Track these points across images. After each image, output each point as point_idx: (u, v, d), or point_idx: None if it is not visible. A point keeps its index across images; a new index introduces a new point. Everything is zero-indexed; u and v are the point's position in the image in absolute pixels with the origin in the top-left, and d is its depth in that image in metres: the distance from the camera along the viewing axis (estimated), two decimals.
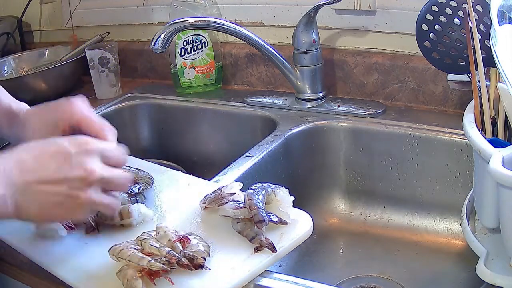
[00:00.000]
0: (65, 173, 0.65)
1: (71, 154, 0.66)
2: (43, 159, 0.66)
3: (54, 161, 0.66)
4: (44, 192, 0.64)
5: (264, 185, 0.76)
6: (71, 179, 0.65)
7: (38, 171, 0.65)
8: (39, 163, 0.65)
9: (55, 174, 0.65)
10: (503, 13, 0.71)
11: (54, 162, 0.65)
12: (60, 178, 0.65)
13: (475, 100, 0.73)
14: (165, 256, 0.65)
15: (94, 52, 1.32)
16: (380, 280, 0.93)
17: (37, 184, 0.64)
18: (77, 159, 0.66)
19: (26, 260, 0.75)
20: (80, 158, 0.66)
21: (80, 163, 0.66)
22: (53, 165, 0.65)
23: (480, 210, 0.71)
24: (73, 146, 0.67)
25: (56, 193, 0.65)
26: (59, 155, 0.66)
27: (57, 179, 0.65)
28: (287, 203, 0.75)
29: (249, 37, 1.12)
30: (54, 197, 0.65)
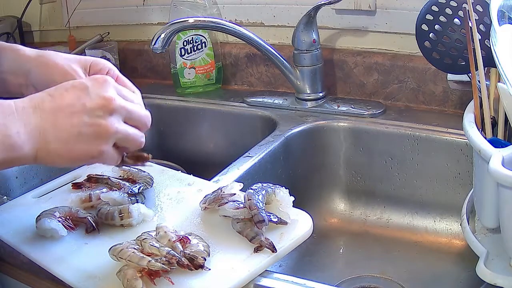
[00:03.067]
0: (82, 103, 0.62)
1: (87, 86, 0.64)
2: (59, 94, 0.63)
3: (70, 94, 0.63)
4: (62, 124, 0.61)
5: (264, 185, 0.76)
6: (89, 108, 0.62)
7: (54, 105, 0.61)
8: (55, 98, 0.62)
9: (74, 106, 0.62)
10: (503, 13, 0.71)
11: (70, 95, 0.63)
12: (78, 108, 0.62)
13: (475, 100, 0.73)
14: (165, 256, 0.65)
15: (94, 52, 1.32)
16: (380, 280, 0.93)
17: (54, 119, 0.61)
18: (94, 90, 0.63)
19: (26, 260, 0.75)
20: (97, 89, 0.64)
21: (98, 93, 0.63)
22: (70, 97, 0.62)
23: (480, 210, 0.71)
24: (89, 80, 0.65)
25: (75, 124, 0.61)
26: (75, 89, 0.63)
27: (76, 110, 0.62)
28: (287, 203, 0.75)
29: (249, 37, 1.12)
30: (74, 128, 0.61)
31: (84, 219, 0.78)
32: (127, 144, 0.67)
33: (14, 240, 0.77)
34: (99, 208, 0.79)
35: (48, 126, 0.61)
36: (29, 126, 0.60)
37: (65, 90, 0.63)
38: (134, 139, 0.67)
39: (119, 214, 0.76)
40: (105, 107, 0.63)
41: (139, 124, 0.68)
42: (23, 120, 0.60)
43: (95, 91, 0.63)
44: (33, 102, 0.62)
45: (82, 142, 0.62)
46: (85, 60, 0.77)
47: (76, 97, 0.63)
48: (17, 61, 0.76)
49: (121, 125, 0.65)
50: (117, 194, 0.81)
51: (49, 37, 1.65)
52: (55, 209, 0.79)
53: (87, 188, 0.86)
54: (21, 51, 0.76)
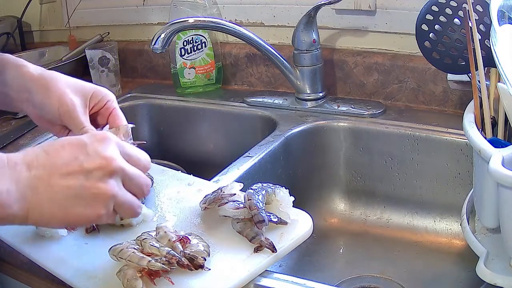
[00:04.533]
0: (80, 163, 0.57)
1: (86, 143, 0.59)
2: (55, 151, 0.58)
3: (66, 152, 0.58)
4: (58, 185, 0.56)
5: (264, 185, 0.76)
6: (88, 169, 0.57)
7: (49, 164, 0.57)
8: (50, 155, 0.57)
9: (71, 165, 0.57)
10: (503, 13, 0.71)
11: (66, 152, 0.58)
12: (75, 168, 0.57)
13: (475, 100, 0.73)
14: (165, 256, 0.65)
15: (94, 52, 1.32)
16: (380, 280, 0.93)
17: (49, 178, 0.56)
18: (93, 148, 0.58)
19: (26, 260, 0.75)
20: (96, 146, 0.58)
21: (97, 151, 0.58)
22: (66, 155, 0.57)
23: (480, 210, 0.71)
24: (88, 137, 0.60)
25: (71, 186, 0.56)
26: (73, 146, 0.59)
27: (72, 170, 0.57)
28: (287, 203, 0.75)
29: (249, 37, 1.12)
30: (70, 191, 0.56)
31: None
32: (122, 212, 0.61)
33: (14, 240, 0.77)
34: None
35: (41, 186, 0.56)
36: (21, 184, 0.55)
37: (61, 147, 0.58)
38: (131, 207, 0.61)
39: None
40: (104, 168, 0.58)
41: (137, 192, 0.62)
42: (14, 177, 0.55)
43: (94, 149, 0.58)
44: (27, 159, 0.57)
45: (79, 205, 0.57)
46: (87, 90, 0.75)
47: (73, 155, 0.57)
48: (20, 78, 0.75)
49: (120, 190, 0.59)
50: None
51: (49, 37, 1.65)
52: None
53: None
54: (25, 69, 0.75)
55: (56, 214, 0.56)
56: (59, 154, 0.58)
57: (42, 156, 0.57)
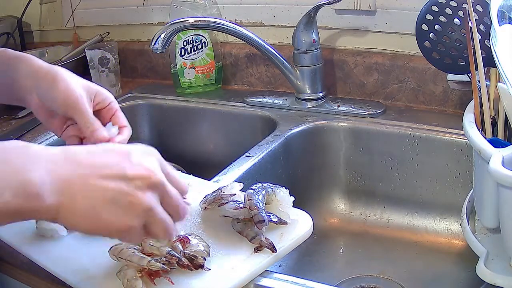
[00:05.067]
0: (122, 168, 0.55)
1: (130, 152, 0.58)
2: (98, 153, 0.57)
3: (109, 156, 0.56)
4: (96, 186, 0.54)
5: (264, 185, 0.76)
6: (129, 176, 0.55)
7: (90, 163, 0.55)
8: (92, 154, 0.56)
9: (113, 168, 0.55)
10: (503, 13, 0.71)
11: (109, 156, 0.56)
12: (117, 173, 0.55)
13: (475, 100, 0.73)
14: (165, 256, 0.65)
15: (94, 52, 1.32)
16: (380, 280, 0.93)
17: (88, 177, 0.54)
18: (137, 157, 0.57)
19: (26, 260, 0.75)
20: (140, 157, 0.58)
21: (141, 162, 0.57)
22: (112, 160, 0.56)
23: (480, 210, 0.71)
24: (133, 147, 0.59)
25: (110, 188, 0.54)
26: (117, 152, 0.58)
27: (113, 174, 0.55)
28: (287, 203, 0.75)
29: (249, 37, 1.12)
30: (107, 193, 0.54)
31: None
32: (155, 230, 0.58)
33: (14, 240, 0.77)
34: None
35: (79, 183, 0.53)
36: (57, 177, 0.53)
37: (104, 151, 0.57)
38: (165, 227, 0.58)
39: None
40: (146, 179, 0.56)
41: (173, 213, 0.60)
42: (49, 166, 0.53)
43: (138, 159, 0.57)
44: (66, 152, 0.55)
45: (113, 211, 0.54)
46: (91, 88, 0.76)
47: (116, 160, 0.56)
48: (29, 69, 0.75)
49: (157, 205, 0.57)
50: None
51: (49, 37, 1.65)
52: None
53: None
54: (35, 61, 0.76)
55: (88, 215, 0.54)
56: (102, 156, 0.56)
57: (83, 154, 0.56)
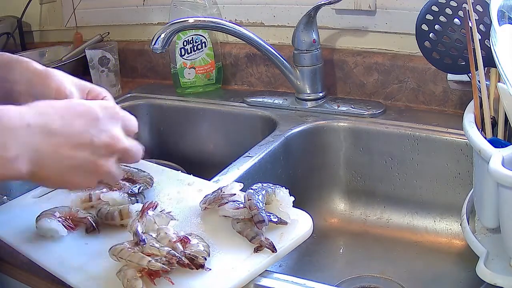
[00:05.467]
0: (91, 138, 0.62)
1: (99, 118, 0.64)
2: (71, 119, 0.62)
3: (82, 122, 0.63)
4: (65, 155, 0.61)
5: (264, 185, 0.76)
6: (97, 146, 0.63)
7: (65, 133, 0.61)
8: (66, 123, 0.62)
9: (82, 137, 0.62)
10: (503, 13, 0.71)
11: (82, 123, 0.63)
12: (86, 142, 0.62)
13: (475, 100, 0.73)
14: (165, 256, 0.65)
15: (94, 52, 1.32)
16: (380, 280, 0.93)
17: (58, 146, 0.61)
18: (104, 124, 0.64)
19: (26, 260, 0.75)
20: (107, 124, 0.64)
21: (108, 129, 0.64)
22: (81, 127, 0.62)
23: (480, 210, 0.71)
24: (101, 109, 0.65)
25: (77, 157, 0.62)
26: (88, 117, 0.64)
27: (83, 143, 0.62)
28: (287, 203, 0.75)
29: (249, 37, 1.12)
30: (75, 161, 0.62)
31: (84, 219, 0.78)
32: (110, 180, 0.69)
33: (14, 240, 0.77)
34: (99, 208, 0.79)
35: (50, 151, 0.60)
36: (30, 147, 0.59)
37: (77, 116, 0.63)
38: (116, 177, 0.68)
39: (119, 214, 0.76)
40: (109, 147, 0.64)
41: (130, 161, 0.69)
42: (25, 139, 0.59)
43: (105, 126, 0.64)
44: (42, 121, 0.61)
45: (77, 175, 0.63)
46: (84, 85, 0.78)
47: (86, 128, 0.63)
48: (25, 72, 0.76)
49: (114, 169, 0.66)
50: (117, 194, 0.81)
51: (49, 37, 1.65)
52: (55, 209, 0.79)
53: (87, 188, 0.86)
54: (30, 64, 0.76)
55: (55, 179, 0.62)
56: (73, 124, 0.62)
57: (57, 122, 0.61)
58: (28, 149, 0.59)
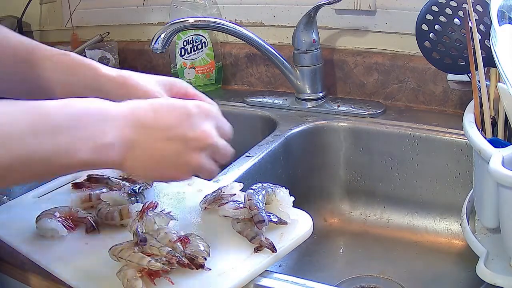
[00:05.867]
0: (184, 131, 0.64)
1: (192, 113, 0.65)
2: (164, 113, 0.64)
3: (174, 117, 0.64)
4: (158, 147, 0.63)
5: (264, 185, 0.76)
6: (189, 139, 0.64)
7: (157, 125, 0.63)
8: (157, 116, 0.64)
9: (175, 130, 0.63)
10: (503, 13, 0.71)
11: (174, 118, 0.64)
12: (179, 135, 0.63)
13: (475, 100, 0.73)
14: (165, 256, 0.65)
15: (94, 52, 1.32)
16: (380, 280, 0.93)
17: (151, 138, 0.62)
18: (197, 119, 0.65)
19: (26, 260, 0.75)
20: (200, 119, 0.65)
21: (200, 124, 0.65)
22: (174, 121, 0.64)
23: (480, 210, 0.71)
24: (194, 106, 0.66)
25: (169, 149, 0.63)
26: (180, 112, 0.65)
27: (176, 136, 0.63)
28: (287, 203, 0.75)
29: (249, 37, 1.12)
30: (167, 153, 0.63)
31: (84, 219, 0.78)
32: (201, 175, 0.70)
33: (14, 240, 0.77)
34: (99, 208, 0.79)
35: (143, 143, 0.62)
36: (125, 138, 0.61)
37: (169, 111, 0.65)
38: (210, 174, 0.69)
39: (119, 214, 0.76)
40: (201, 141, 0.65)
41: (220, 160, 0.69)
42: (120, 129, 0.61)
43: (198, 121, 0.65)
44: (135, 115, 0.63)
45: (170, 167, 0.64)
46: (163, 79, 0.78)
47: (179, 121, 0.64)
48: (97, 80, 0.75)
49: (205, 162, 0.66)
50: (117, 194, 0.81)
51: (49, 37, 1.65)
52: (55, 209, 0.79)
53: (87, 188, 0.86)
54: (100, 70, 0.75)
55: (148, 169, 0.64)
56: (166, 117, 0.64)
57: (150, 116, 0.63)
58: (123, 139, 0.61)
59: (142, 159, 0.63)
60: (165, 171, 0.65)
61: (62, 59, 0.75)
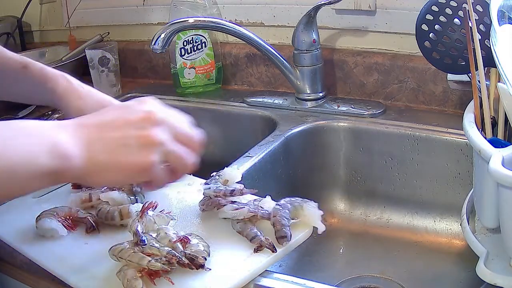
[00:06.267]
0: (125, 118, 0.63)
1: (129, 105, 0.65)
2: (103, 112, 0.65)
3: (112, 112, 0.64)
4: (108, 137, 0.61)
5: (292, 199, 0.74)
6: (133, 121, 0.62)
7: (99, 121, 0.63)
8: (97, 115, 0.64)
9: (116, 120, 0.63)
10: (503, 13, 0.71)
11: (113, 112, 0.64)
12: (121, 122, 0.62)
13: (475, 100, 0.73)
14: (165, 256, 0.65)
15: (94, 52, 1.32)
16: (380, 280, 0.93)
17: (100, 132, 0.61)
18: (136, 107, 0.65)
19: (26, 260, 0.75)
20: (139, 105, 0.65)
21: (140, 108, 0.64)
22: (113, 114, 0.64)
23: (480, 210, 0.71)
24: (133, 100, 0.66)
25: (121, 136, 0.61)
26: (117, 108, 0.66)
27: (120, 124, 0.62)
28: (315, 218, 0.73)
29: (249, 37, 1.12)
30: (119, 140, 0.61)
31: (84, 219, 0.78)
32: (175, 161, 0.65)
33: (14, 240, 0.77)
34: (99, 208, 0.79)
35: (94, 138, 0.61)
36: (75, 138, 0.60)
37: (107, 110, 0.66)
38: (182, 156, 0.65)
39: (119, 214, 0.76)
40: (148, 119, 0.63)
41: (187, 142, 0.66)
42: (68, 133, 0.60)
43: (137, 108, 0.64)
44: (76, 120, 0.63)
45: (130, 153, 0.61)
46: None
47: (119, 113, 0.64)
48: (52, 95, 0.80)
49: (168, 139, 0.64)
50: (117, 194, 0.81)
51: (49, 37, 1.65)
52: (55, 209, 0.79)
53: (87, 188, 0.86)
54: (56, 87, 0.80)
55: (109, 163, 0.60)
56: (106, 114, 0.64)
57: (92, 117, 0.64)
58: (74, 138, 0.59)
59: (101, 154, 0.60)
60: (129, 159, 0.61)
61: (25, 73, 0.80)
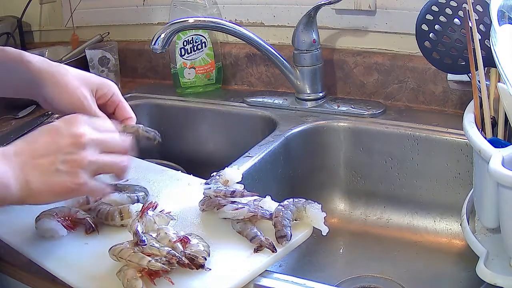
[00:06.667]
0: (56, 144, 0.66)
1: (59, 127, 0.68)
2: (33, 139, 0.68)
3: (44, 138, 0.67)
4: (40, 164, 0.65)
5: (295, 200, 0.74)
6: (63, 147, 0.66)
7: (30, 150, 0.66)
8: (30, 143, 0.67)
9: (47, 147, 0.66)
10: (503, 13, 0.71)
11: (44, 138, 0.67)
12: (52, 149, 0.66)
13: (475, 100, 0.73)
14: (165, 256, 0.65)
15: (94, 52, 1.32)
16: (380, 280, 0.93)
17: (32, 160, 0.65)
18: (66, 129, 0.68)
19: (26, 260, 0.75)
20: (69, 128, 0.68)
21: (69, 131, 0.67)
22: (44, 140, 0.67)
23: (480, 210, 0.71)
24: (61, 121, 0.69)
25: (51, 162, 0.65)
26: (49, 132, 0.68)
27: (51, 151, 0.66)
28: (318, 220, 0.73)
29: (249, 37, 1.12)
30: (51, 166, 0.65)
31: (83, 220, 0.78)
32: (110, 170, 0.71)
33: (14, 240, 0.77)
34: (99, 209, 0.79)
35: (27, 168, 0.65)
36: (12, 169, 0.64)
37: (40, 136, 0.68)
38: (113, 164, 0.70)
39: (119, 214, 0.76)
40: (76, 144, 0.67)
41: (117, 151, 0.71)
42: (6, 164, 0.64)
43: (67, 131, 0.68)
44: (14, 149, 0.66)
45: (61, 177, 0.65)
46: (92, 82, 0.81)
47: (50, 139, 0.67)
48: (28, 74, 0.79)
49: (95, 156, 0.68)
50: (117, 195, 0.81)
51: (49, 37, 1.65)
52: (55, 209, 0.79)
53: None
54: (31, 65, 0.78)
55: (42, 188, 0.65)
56: (38, 141, 0.67)
57: (24, 146, 0.67)
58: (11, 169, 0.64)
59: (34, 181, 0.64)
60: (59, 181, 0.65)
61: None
